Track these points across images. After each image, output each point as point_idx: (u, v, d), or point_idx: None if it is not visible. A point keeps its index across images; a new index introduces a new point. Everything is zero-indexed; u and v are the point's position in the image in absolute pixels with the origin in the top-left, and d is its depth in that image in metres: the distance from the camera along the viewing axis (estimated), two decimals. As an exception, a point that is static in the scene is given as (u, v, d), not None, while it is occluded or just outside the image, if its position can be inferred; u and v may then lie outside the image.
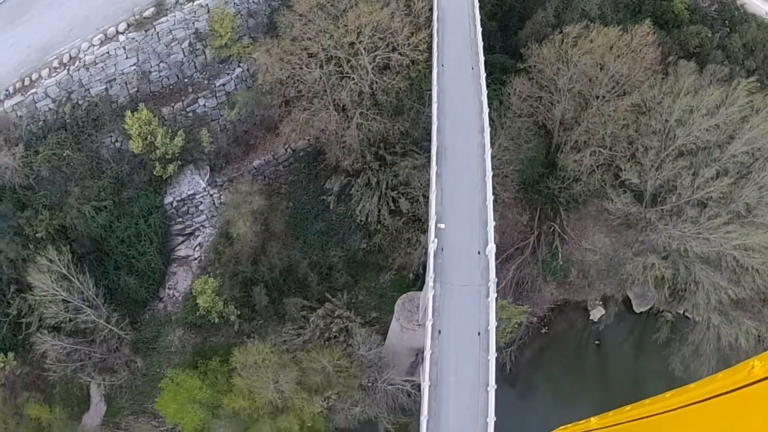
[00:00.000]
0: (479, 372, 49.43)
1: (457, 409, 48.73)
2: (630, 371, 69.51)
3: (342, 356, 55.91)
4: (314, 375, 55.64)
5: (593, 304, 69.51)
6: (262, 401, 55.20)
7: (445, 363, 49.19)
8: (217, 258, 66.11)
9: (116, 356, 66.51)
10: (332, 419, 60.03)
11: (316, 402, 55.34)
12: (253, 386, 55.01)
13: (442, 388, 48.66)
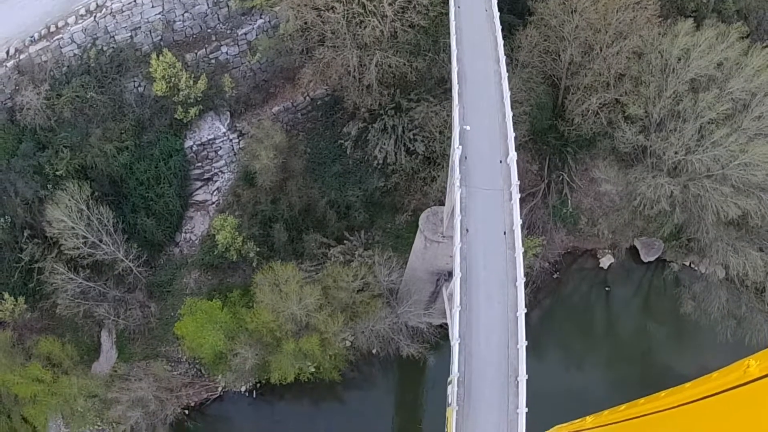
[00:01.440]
0: (507, 268, 51.79)
1: (488, 302, 50.71)
2: (639, 317, 72.25)
3: (366, 274, 57.81)
4: (338, 292, 57.29)
5: (603, 252, 72.65)
6: (285, 317, 56.49)
7: (473, 259, 51.46)
8: (235, 200, 68.30)
9: (131, 298, 67.24)
10: (354, 343, 61.22)
11: (340, 320, 56.69)
12: (277, 304, 56.41)
13: (471, 282, 50.73)
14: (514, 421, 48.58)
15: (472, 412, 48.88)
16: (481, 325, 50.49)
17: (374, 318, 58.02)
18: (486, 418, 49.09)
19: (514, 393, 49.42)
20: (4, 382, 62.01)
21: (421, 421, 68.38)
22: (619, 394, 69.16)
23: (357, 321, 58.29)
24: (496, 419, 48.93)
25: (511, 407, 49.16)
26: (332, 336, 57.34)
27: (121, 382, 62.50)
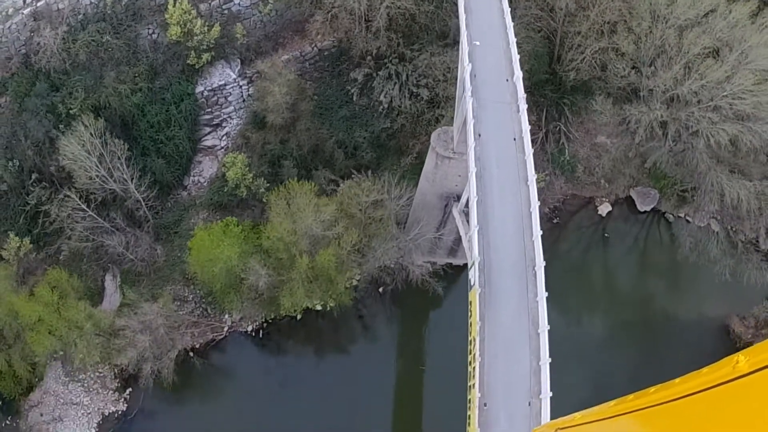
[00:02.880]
0: (518, 169, 55.39)
1: (501, 197, 54.00)
2: (637, 262, 75.81)
3: (380, 189, 60.74)
4: (353, 208, 60.00)
5: (600, 201, 76.47)
6: (300, 233, 58.79)
7: (486, 160, 55.00)
8: (244, 142, 71.27)
9: (139, 236, 68.65)
10: (361, 279, 63.41)
11: (354, 235, 59.15)
12: (292, 219, 58.85)
13: (485, 180, 54.08)
14: (534, 308, 51.28)
15: (493, 298, 51.42)
16: (497, 218, 53.57)
17: (385, 237, 60.54)
18: (507, 303, 51.57)
19: (533, 282, 52.23)
20: (9, 305, 62.29)
21: (425, 363, 69.91)
22: (617, 338, 72.45)
23: (369, 241, 60.66)
24: (516, 305, 51.47)
25: (530, 295, 51.90)
26: (346, 256, 59.62)
27: (130, 309, 63.41)
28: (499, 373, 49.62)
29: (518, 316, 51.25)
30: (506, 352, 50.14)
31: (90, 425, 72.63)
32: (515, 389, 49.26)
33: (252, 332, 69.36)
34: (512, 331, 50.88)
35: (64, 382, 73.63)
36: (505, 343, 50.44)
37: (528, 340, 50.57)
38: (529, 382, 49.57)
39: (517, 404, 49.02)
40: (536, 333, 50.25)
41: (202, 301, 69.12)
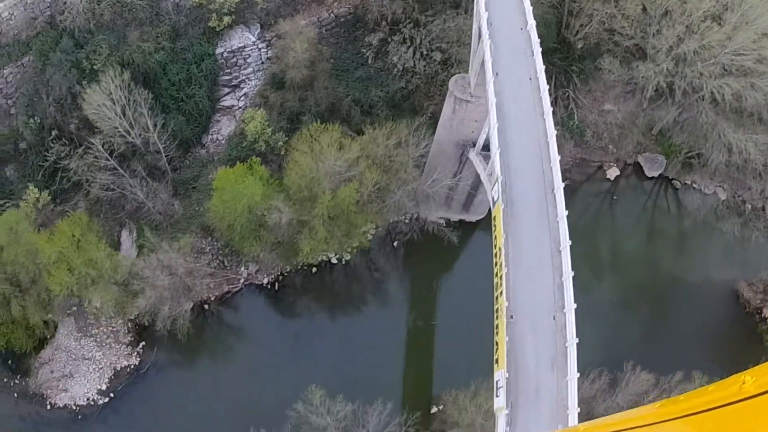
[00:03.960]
0: (534, 104, 59.72)
1: (519, 129, 58.15)
2: (645, 225, 79.77)
3: (401, 132, 64.79)
4: (375, 149, 63.94)
5: (608, 165, 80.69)
6: (323, 172, 62.49)
7: (503, 94, 59.02)
8: (263, 101, 75.21)
9: (158, 189, 71.80)
10: (383, 215, 66.83)
11: (376, 173, 62.92)
12: (317, 155, 62.62)
13: (504, 112, 58.23)
14: (555, 228, 55.00)
15: (515, 216, 55.04)
16: (516, 147, 57.47)
17: (405, 179, 64.31)
18: (528, 221, 55.14)
19: (552, 204, 56.08)
20: (28, 246, 64.57)
21: (436, 317, 72.81)
22: (626, 298, 75.55)
23: (389, 183, 64.30)
24: (537, 224, 55.08)
25: (551, 216, 55.68)
26: (367, 195, 63.22)
27: (149, 251, 66.13)
28: (524, 287, 52.82)
29: (539, 235, 54.76)
30: (529, 268, 53.45)
31: (102, 380, 74.30)
32: (540, 303, 52.35)
33: (267, 285, 71.97)
34: (534, 248, 54.29)
35: (77, 338, 75.59)
36: (528, 260, 53.79)
37: (550, 257, 53.98)
38: (553, 297, 52.88)
39: (542, 318, 52.21)
40: (558, 251, 53.89)
41: (219, 253, 71.91)
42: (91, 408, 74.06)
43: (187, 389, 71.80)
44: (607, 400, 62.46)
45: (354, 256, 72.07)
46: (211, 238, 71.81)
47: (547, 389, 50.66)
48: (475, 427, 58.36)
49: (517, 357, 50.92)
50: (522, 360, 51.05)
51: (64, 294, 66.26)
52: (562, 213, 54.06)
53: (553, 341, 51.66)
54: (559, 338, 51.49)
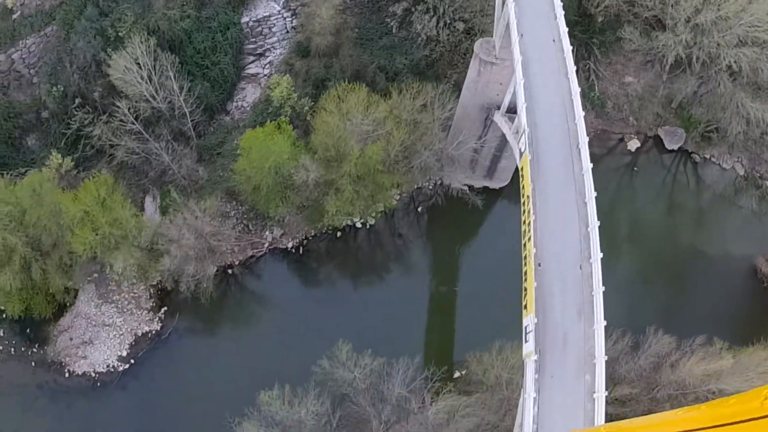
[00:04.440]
0: (558, 65, 61.58)
1: (544, 86, 59.94)
2: (665, 196, 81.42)
3: (427, 94, 66.70)
4: (402, 111, 65.82)
5: (629, 137, 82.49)
6: (350, 131, 64.33)
7: (528, 54, 60.74)
8: (288, 69, 77.03)
9: (183, 153, 73.67)
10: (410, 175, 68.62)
11: (403, 131, 64.76)
12: (345, 114, 64.47)
13: (529, 73, 59.93)
14: (580, 181, 56.76)
15: (541, 168, 56.79)
16: (541, 104, 59.16)
17: (431, 140, 66.11)
18: (554, 174, 56.81)
19: (577, 158, 57.82)
20: (52, 205, 65.98)
21: (458, 283, 74.36)
22: (646, 267, 76.76)
23: (415, 143, 66.09)
24: (563, 176, 56.76)
25: (576, 169, 57.43)
26: (393, 155, 65.02)
27: (174, 210, 67.79)
28: (550, 238, 54.41)
29: (565, 187, 56.45)
30: (556, 219, 55.08)
31: (122, 346, 75.76)
32: (566, 253, 53.90)
33: (292, 249, 73.58)
34: (560, 200, 55.95)
35: (97, 305, 77.02)
36: (554, 211, 55.44)
37: (576, 209, 55.64)
38: (579, 247, 54.50)
39: (569, 267, 53.79)
40: (583, 202, 55.59)
41: (243, 218, 73.61)
42: (110, 375, 75.49)
43: (209, 354, 73.13)
44: (630, 362, 63.79)
45: (378, 220, 73.85)
46: (235, 202, 73.50)
47: (575, 338, 52.13)
48: (500, 383, 59.69)
49: (545, 305, 52.49)
50: (550, 309, 52.59)
51: (87, 255, 67.47)
52: (587, 166, 55.85)
53: (579, 291, 53.22)
54: (586, 288, 53.03)
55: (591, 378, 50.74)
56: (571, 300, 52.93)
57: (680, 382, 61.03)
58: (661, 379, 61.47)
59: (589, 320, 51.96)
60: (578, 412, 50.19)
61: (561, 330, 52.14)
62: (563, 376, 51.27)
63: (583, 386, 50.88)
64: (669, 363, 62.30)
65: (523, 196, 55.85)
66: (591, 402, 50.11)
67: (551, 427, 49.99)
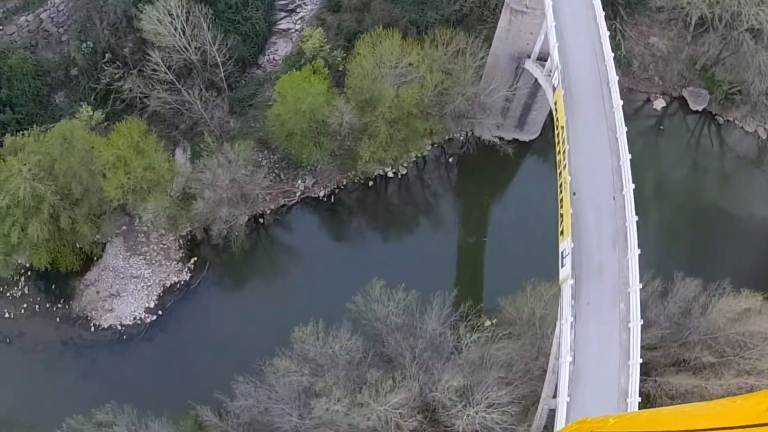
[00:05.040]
0: (587, 8, 64.22)
1: (575, 30, 62.55)
2: (690, 156, 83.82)
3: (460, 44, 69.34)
4: (436, 52, 68.45)
5: (655, 96, 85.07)
6: (384, 73, 66.91)
7: (559, 3, 63.79)
8: (320, 24, 79.48)
9: (215, 103, 76.15)
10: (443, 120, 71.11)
11: (437, 75, 67.29)
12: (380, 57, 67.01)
13: (559, 18, 62.53)
14: (611, 117, 59.29)
15: (573, 103, 59.27)
16: (572, 46, 61.83)
17: (464, 84, 68.64)
18: (586, 110, 59.27)
19: (608, 96, 60.39)
20: (84, 151, 68.00)
21: (487, 234, 76.68)
22: (671, 221, 78.80)
23: (449, 87, 68.65)
24: (594, 112, 59.30)
25: (606, 107, 60.00)
26: (428, 99, 67.61)
27: (208, 155, 70.10)
28: (584, 170, 56.75)
29: (597, 123, 58.89)
30: (588, 152, 57.50)
31: (150, 297, 77.76)
32: (599, 185, 56.36)
33: (324, 198, 75.80)
34: (592, 135, 58.30)
35: (125, 257, 79.16)
36: (587, 145, 57.82)
37: (608, 143, 58.06)
38: (612, 180, 56.92)
39: (603, 199, 56.21)
40: (615, 137, 58.08)
41: (275, 167, 75.94)
42: (137, 327, 77.52)
43: (240, 303, 75.19)
44: (659, 307, 65.69)
45: (410, 170, 76.33)
46: (267, 151, 75.83)
47: (609, 267, 54.35)
48: (534, 320, 61.68)
49: (581, 233, 54.80)
50: (585, 237, 54.90)
51: (118, 200, 69.15)
52: (617, 103, 58.51)
53: (613, 221, 55.58)
54: (619, 219, 55.45)
55: (626, 307, 53.02)
56: (605, 230, 55.28)
57: (710, 326, 62.70)
58: (690, 323, 63.29)
59: (624, 250, 54.37)
60: (614, 342, 52.37)
61: (596, 258, 54.41)
62: (599, 303, 53.45)
63: (618, 315, 53.12)
64: (698, 306, 64.07)
65: (557, 128, 58.50)
66: (626, 331, 52.41)
67: (586, 356, 52.10)
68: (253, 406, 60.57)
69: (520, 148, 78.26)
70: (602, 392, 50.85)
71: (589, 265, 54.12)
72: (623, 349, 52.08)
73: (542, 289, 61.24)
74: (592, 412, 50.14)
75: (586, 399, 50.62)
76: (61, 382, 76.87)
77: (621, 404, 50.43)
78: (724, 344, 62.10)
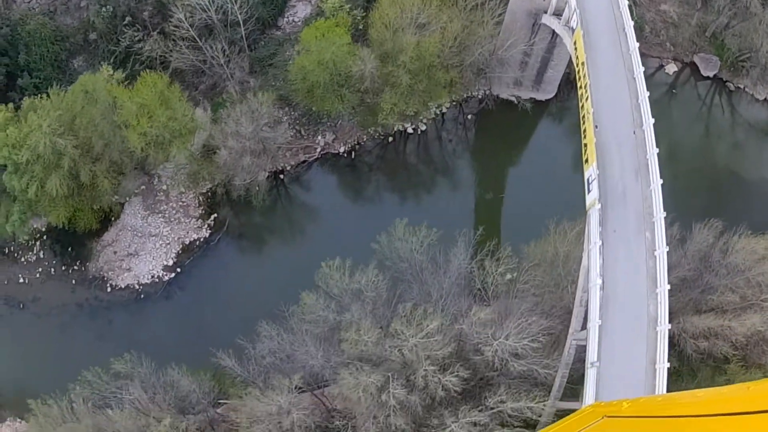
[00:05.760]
0: None
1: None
2: (702, 120, 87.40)
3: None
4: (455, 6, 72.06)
5: (667, 61, 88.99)
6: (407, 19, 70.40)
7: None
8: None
9: (236, 62, 79.36)
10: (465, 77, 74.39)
11: (457, 24, 70.80)
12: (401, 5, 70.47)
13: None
14: (628, 59, 62.87)
15: (592, 45, 63.03)
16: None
17: (483, 36, 72.22)
18: (605, 52, 63.06)
19: (624, 40, 64.17)
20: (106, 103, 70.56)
21: (504, 189, 79.78)
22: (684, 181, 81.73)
23: (468, 36, 72.18)
24: (612, 55, 62.99)
25: (623, 49, 63.63)
26: (448, 49, 71.14)
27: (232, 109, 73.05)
28: (605, 106, 60.16)
29: (615, 64, 62.27)
30: (608, 90, 61.00)
31: (168, 255, 79.85)
32: (620, 120, 59.83)
33: (343, 153, 78.66)
34: (611, 74, 61.89)
35: (143, 216, 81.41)
36: (606, 84, 61.39)
37: (626, 83, 61.52)
38: (632, 116, 60.32)
39: (623, 132, 59.56)
40: (633, 78, 61.58)
41: (295, 123, 78.73)
42: (155, 285, 79.60)
43: (260, 258, 77.75)
44: (678, 251, 68.49)
45: (429, 126, 79.49)
46: (288, 108, 78.82)
47: (633, 196, 57.45)
48: (558, 260, 64.30)
49: (604, 164, 57.96)
50: (609, 167, 58.04)
51: (141, 149, 71.53)
52: (634, 46, 62.34)
53: (634, 154, 58.81)
54: (640, 152, 58.78)
55: (651, 235, 56.07)
56: (627, 161, 58.52)
57: (730, 269, 65.06)
58: (711, 265, 65.74)
59: (646, 181, 57.60)
60: (641, 270, 55.12)
61: (620, 187, 57.56)
62: (625, 231, 56.39)
63: (643, 243, 56.12)
64: (718, 250, 66.59)
65: (577, 65, 62.26)
66: (652, 259, 55.34)
67: (614, 283, 54.80)
68: (276, 350, 62.07)
69: (536, 107, 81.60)
70: (631, 320, 53.35)
71: (614, 193, 57.24)
72: (650, 277, 54.84)
73: (566, 227, 63.98)
74: (622, 340, 52.90)
75: (616, 326, 53.14)
76: (77, 344, 78.95)
77: (651, 332, 52.79)
78: (746, 287, 64.12)
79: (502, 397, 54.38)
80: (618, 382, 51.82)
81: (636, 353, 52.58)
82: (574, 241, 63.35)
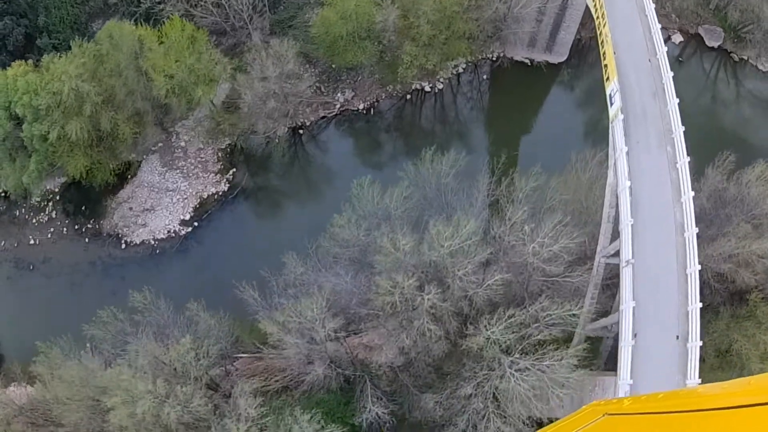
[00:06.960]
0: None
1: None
2: (708, 89, 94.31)
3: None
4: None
5: (673, 32, 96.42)
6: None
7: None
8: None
9: (256, 24, 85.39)
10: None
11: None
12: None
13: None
14: (644, 16, 69.86)
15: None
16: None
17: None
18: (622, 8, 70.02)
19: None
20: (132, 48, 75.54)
21: (519, 148, 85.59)
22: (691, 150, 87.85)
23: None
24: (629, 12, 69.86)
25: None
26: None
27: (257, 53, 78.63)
28: (620, 35, 67.19)
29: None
30: (622, 24, 68.10)
31: (185, 210, 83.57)
32: (635, 47, 66.71)
33: (362, 110, 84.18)
34: (624, 10, 69.22)
35: (161, 173, 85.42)
36: (621, 18, 68.44)
37: (638, 16, 68.86)
38: (646, 45, 67.23)
39: (640, 58, 66.38)
40: (644, 15, 68.76)
41: (315, 80, 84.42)
42: (171, 240, 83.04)
43: (278, 211, 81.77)
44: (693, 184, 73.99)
45: (445, 86, 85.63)
46: (308, 65, 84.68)
47: (652, 114, 63.71)
48: (581, 189, 69.49)
49: (623, 87, 64.48)
50: (628, 90, 64.55)
51: (166, 92, 75.96)
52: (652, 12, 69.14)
53: (651, 79, 65.38)
54: (656, 77, 65.53)
55: (672, 150, 62.18)
56: (645, 85, 65.25)
57: (746, 201, 70.23)
58: (727, 197, 71.04)
59: (663, 101, 64.15)
60: (665, 180, 60.87)
61: (640, 106, 63.99)
62: (647, 143, 62.58)
63: (665, 156, 62.22)
64: (733, 183, 71.52)
65: (592, 1, 69.30)
66: (675, 171, 61.31)
67: (641, 189, 60.35)
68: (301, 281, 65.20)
69: (549, 69, 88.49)
70: (659, 224, 59.02)
71: (634, 111, 63.65)
72: (674, 187, 60.64)
73: (587, 155, 69.68)
74: (652, 243, 58.10)
75: (646, 230, 58.73)
76: (89, 302, 79.25)
77: (679, 237, 57.97)
78: (762, 216, 68.89)
79: (543, 303, 57.41)
80: (651, 285, 56.84)
81: (667, 256, 57.69)
82: (596, 169, 68.94)
